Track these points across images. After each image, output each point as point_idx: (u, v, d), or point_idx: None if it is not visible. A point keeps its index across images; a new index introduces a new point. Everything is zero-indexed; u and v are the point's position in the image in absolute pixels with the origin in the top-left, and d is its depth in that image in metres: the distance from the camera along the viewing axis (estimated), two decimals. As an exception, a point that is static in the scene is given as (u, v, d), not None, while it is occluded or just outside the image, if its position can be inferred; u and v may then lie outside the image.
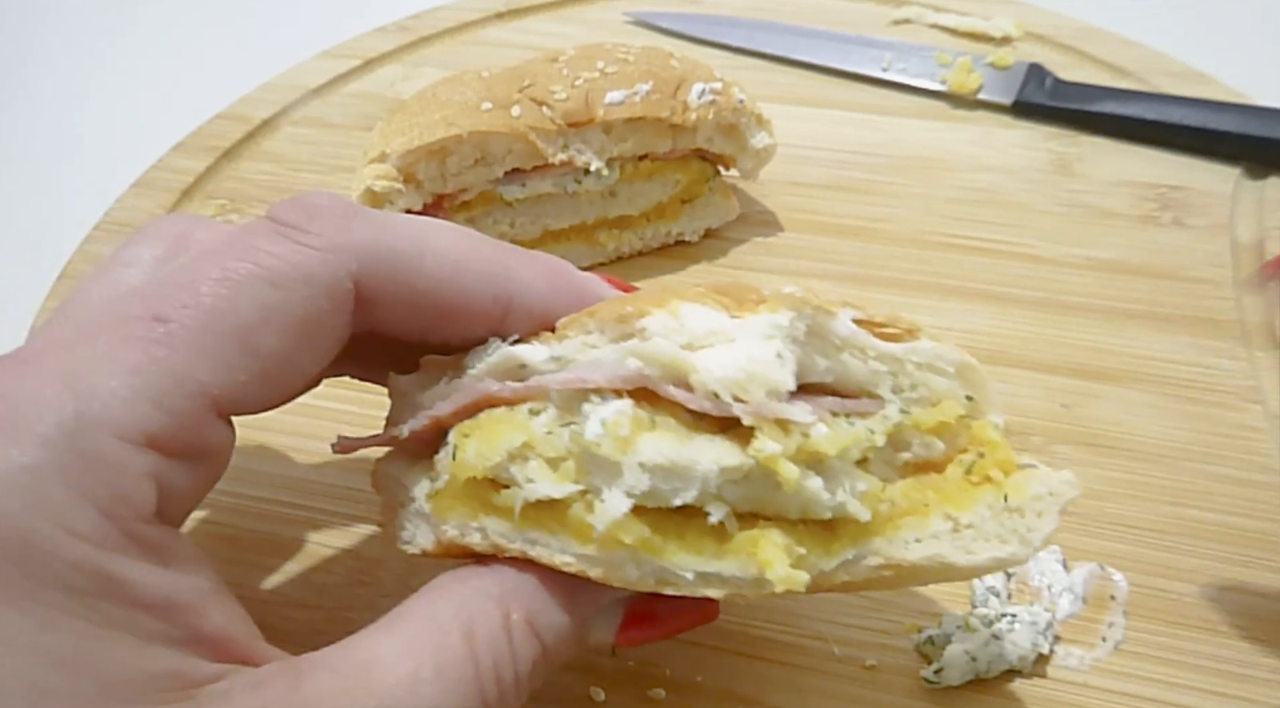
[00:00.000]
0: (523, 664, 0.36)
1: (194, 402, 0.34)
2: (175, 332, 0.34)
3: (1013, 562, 0.39)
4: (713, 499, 0.36)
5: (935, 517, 0.39)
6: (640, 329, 0.37)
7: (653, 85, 0.68)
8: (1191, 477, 0.57)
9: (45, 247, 0.76)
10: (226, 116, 0.87)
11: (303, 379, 0.38)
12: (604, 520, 0.35)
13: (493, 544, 0.38)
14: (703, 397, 0.36)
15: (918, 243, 0.73)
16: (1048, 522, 0.39)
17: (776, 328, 0.37)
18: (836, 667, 0.50)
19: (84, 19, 1.10)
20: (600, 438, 0.35)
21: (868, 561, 0.38)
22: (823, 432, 0.36)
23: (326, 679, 0.33)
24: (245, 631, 0.35)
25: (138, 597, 0.32)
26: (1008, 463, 0.40)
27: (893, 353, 0.40)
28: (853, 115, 0.86)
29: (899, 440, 0.40)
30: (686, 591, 0.37)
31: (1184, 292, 0.69)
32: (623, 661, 0.50)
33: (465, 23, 0.98)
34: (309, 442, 0.60)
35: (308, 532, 0.56)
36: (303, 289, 0.36)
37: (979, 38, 0.94)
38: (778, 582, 0.35)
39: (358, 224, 0.38)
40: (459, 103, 0.67)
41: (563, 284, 0.42)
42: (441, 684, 0.34)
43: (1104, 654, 0.50)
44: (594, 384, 0.37)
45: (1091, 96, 0.83)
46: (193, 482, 0.35)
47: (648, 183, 0.72)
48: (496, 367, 0.40)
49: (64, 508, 0.30)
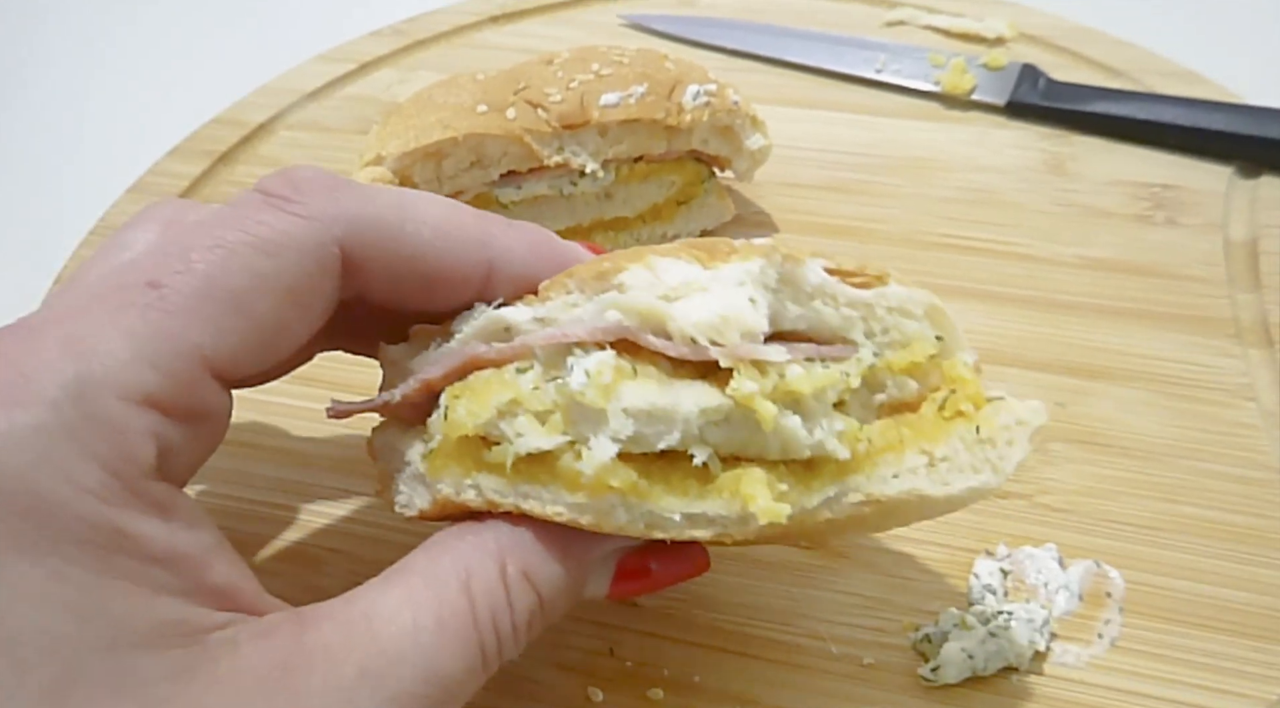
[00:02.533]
0: (520, 615, 0.38)
1: (190, 363, 0.35)
2: (170, 296, 0.35)
3: (986, 490, 0.40)
4: (696, 442, 0.38)
5: (911, 453, 0.41)
6: (618, 284, 0.39)
7: (647, 87, 0.68)
8: (1186, 474, 0.57)
9: (41, 251, 0.76)
10: (222, 121, 0.87)
11: (294, 345, 0.40)
12: (592, 466, 0.37)
13: (487, 500, 0.39)
14: (681, 343, 0.37)
15: (912, 243, 0.74)
16: (1017, 449, 0.40)
17: (748, 274, 0.38)
18: (834, 665, 0.50)
19: (79, 24, 1.10)
20: (584, 387, 0.37)
21: (848, 497, 0.40)
22: (798, 372, 0.38)
23: (330, 629, 0.35)
24: (249, 584, 0.37)
25: (144, 549, 0.33)
26: (978, 397, 0.41)
27: (863, 299, 0.41)
28: (847, 116, 0.86)
29: (874, 382, 0.42)
30: (675, 533, 0.38)
31: (1178, 290, 0.69)
32: (621, 661, 0.50)
33: (460, 26, 0.98)
34: (302, 444, 0.60)
35: (304, 534, 0.56)
36: (292, 255, 0.37)
37: (972, 39, 0.95)
38: (761, 514, 0.36)
39: (343, 194, 0.40)
40: (454, 105, 0.67)
41: (544, 249, 0.43)
42: (441, 634, 0.36)
43: (1101, 651, 0.50)
44: (576, 338, 0.38)
45: (1085, 96, 0.83)
46: (192, 443, 0.36)
47: (643, 184, 0.72)
48: (483, 329, 0.41)
49: (71, 465, 0.32)
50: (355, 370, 0.51)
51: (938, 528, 0.55)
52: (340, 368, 0.51)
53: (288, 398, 0.46)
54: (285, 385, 0.49)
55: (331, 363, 0.50)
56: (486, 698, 0.49)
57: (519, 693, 0.49)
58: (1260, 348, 0.65)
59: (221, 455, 0.58)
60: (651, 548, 0.42)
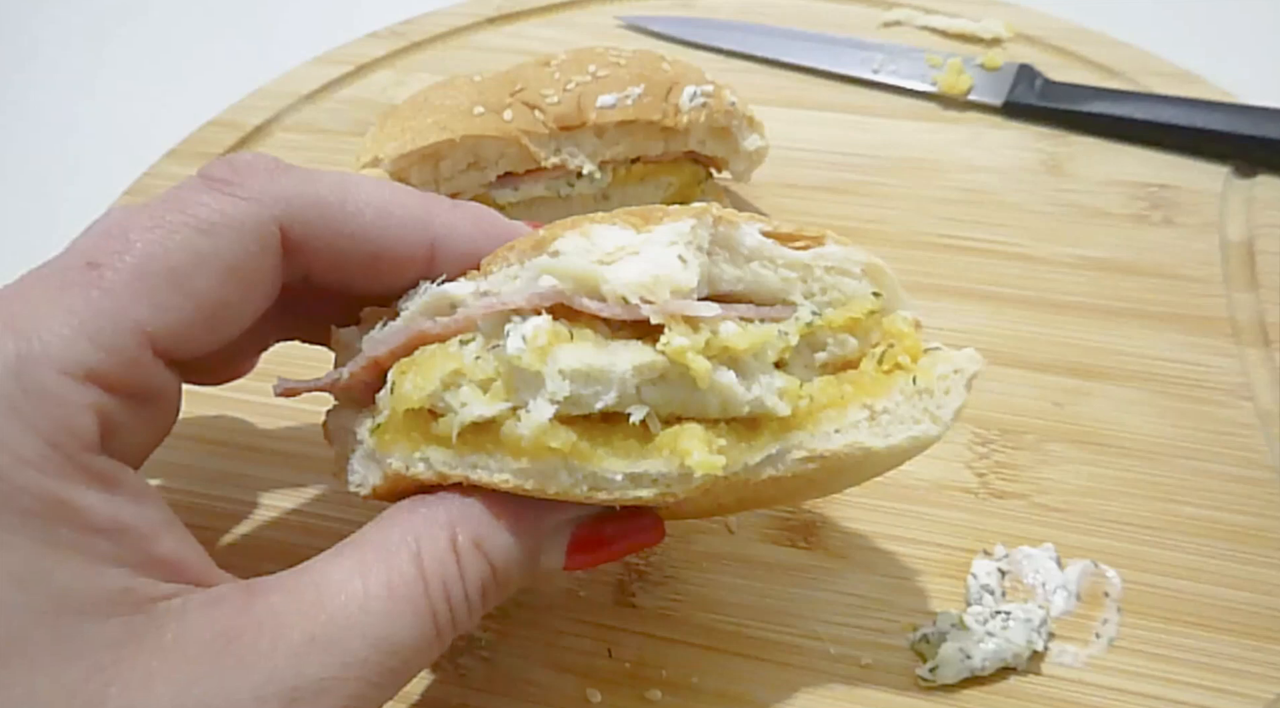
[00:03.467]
0: (472, 584, 0.38)
1: (131, 339, 0.36)
2: (108, 275, 0.36)
3: (927, 440, 0.41)
4: (633, 401, 0.38)
5: (853, 407, 0.41)
6: (553, 251, 0.39)
7: (644, 88, 0.68)
8: (1183, 473, 0.58)
9: (38, 254, 0.76)
10: (219, 123, 0.87)
11: (238, 325, 0.40)
12: (530, 427, 0.37)
13: (437, 473, 0.40)
14: (614, 304, 0.38)
15: (910, 243, 0.74)
16: (955, 397, 0.41)
17: (678, 234, 0.39)
18: (832, 666, 0.50)
19: (78, 26, 1.10)
20: (521, 351, 0.37)
21: (791, 455, 0.40)
22: (732, 329, 0.38)
23: (279, 598, 0.35)
24: (198, 558, 0.37)
25: (87, 520, 0.33)
26: (915, 349, 0.42)
27: (801, 260, 0.42)
28: (844, 117, 0.86)
29: (814, 341, 0.42)
30: (619, 494, 0.39)
31: (1174, 290, 0.69)
32: (619, 662, 0.50)
33: (457, 28, 0.98)
34: (293, 444, 0.60)
35: (289, 534, 0.56)
36: (230, 235, 0.38)
37: (969, 39, 0.95)
38: (697, 467, 0.37)
39: (283, 176, 0.41)
40: (451, 107, 0.67)
41: (487, 226, 0.44)
42: (391, 601, 0.36)
43: (1098, 651, 0.50)
44: (514, 305, 0.39)
45: (1081, 97, 0.83)
46: (138, 422, 0.37)
47: (640, 186, 0.72)
48: (428, 305, 0.42)
49: (10, 436, 0.33)
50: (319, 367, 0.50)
51: (935, 529, 0.55)
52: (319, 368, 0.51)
53: (271, 398, 0.46)
54: (265, 384, 0.49)
55: (310, 363, 0.50)
56: (485, 699, 0.49)
57: (517, 694, 0.49)
58: (1257, 347, 0.65)
59: (203, 455, 0.58)
60: (605, 517, 0.42)
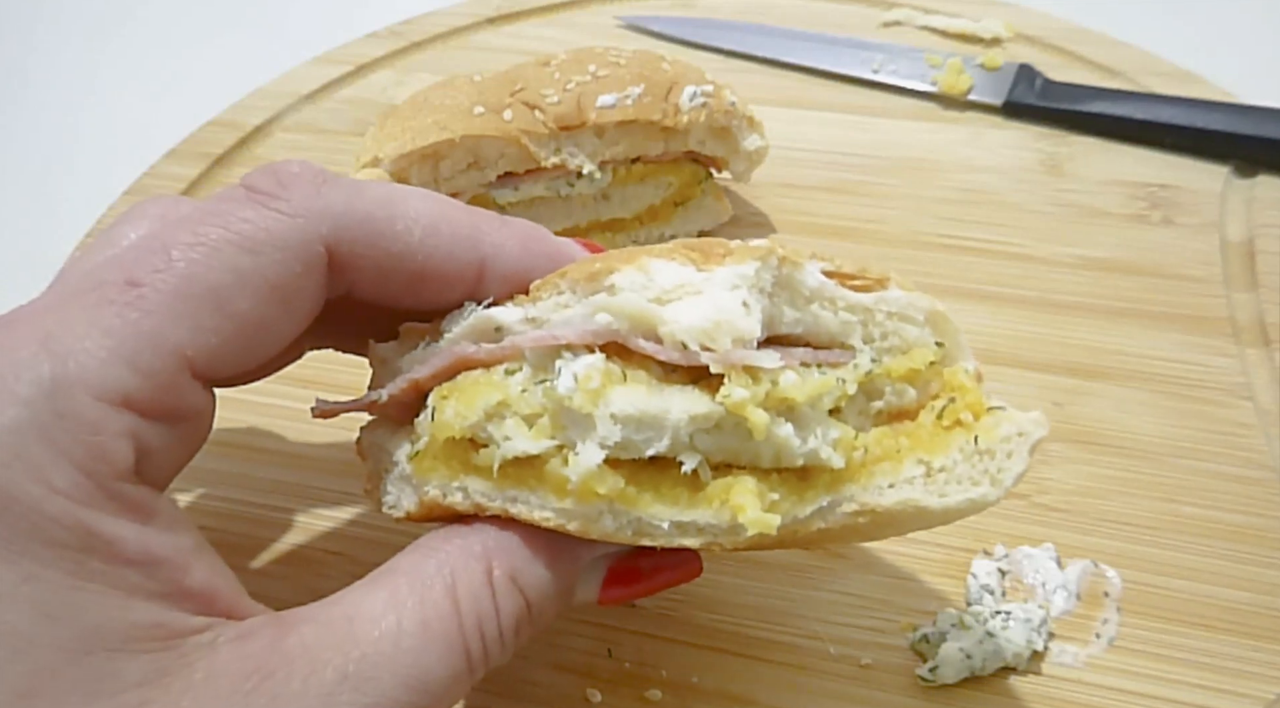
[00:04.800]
0: (506, 619, 0.37)
1: (169, 362, 0.34)
2: (148, 295, 0.34)
3: (984, 503, 0.39)
4: (685, 449, 0.37)
5: (908, 462, 0.39)
6: (610, 285, 0.38)
7: (644, 88, 0.68)
8: (1183, 473, 0.58)
9: (38, 254, 0.76)
10: (219, 123, 0.87)
11: (279, 344, 0.39)
12: (578, 472, 0.36)
13: (474, 503, 0.39)
14: (671, 348, 0.36)
15: (909, 243, 0.74)
16: (1018, 462, 0.39)
17: (742, 278, 0.37)
18: (832, 666, 0.50)
19: (77, 26, 1.10)
20: (572, 392, 0.36)
21: (843, 507, 0.39)
22: (791, 379, 0.37)
23: (311, 632, 0.34)
24: (230, 588, 0.36)
25: (118, 551, 0.32)
26: (978, 406, 0.40)
27: (863, 303, 0.40)
28: (844, 117, 0.86)
29: (872, 389, 0.41)
30: (663, 541, 0.37)
31: (1174, 289, 0.69)
32: (619, 662, 0.50)
33: (457, 28, 0.98)
34: (302, 448, 0.60)
35: (304, 537, 0.56)
36: (275, 253, 0.37)
37: (969, 39, 0.95)
38: (750, 525, 0.36)
39: (330, 190, 0.39)
40: (451, 107, 0.67)
41: (536, 246, 0.42)
42: (424, 637, 0.35)
43: (1098, 651, 0.50)
44: (565, 340, 0.38)
45: (1081, 97, 0.83)
46: (172, 444, 0.36)
47: (640, 186, 0.72)
48: (472, 329, 0.40)
49: (43, 465, 0.31)
50: (351, 372, 0.51)
51: (935, 529, 0.55)
52: (336, 369, 0.51)
53: (281, 399, 0.46)
54: (280, 387, 0.49)
55: (328, 364, 0.50)
56: (485, 699, 0.49)
57: (517, 694, 0.49)
58: (1257, 347, 0.65)
59: (219, 458, 0.59)
60: (642, 553, 0.41)
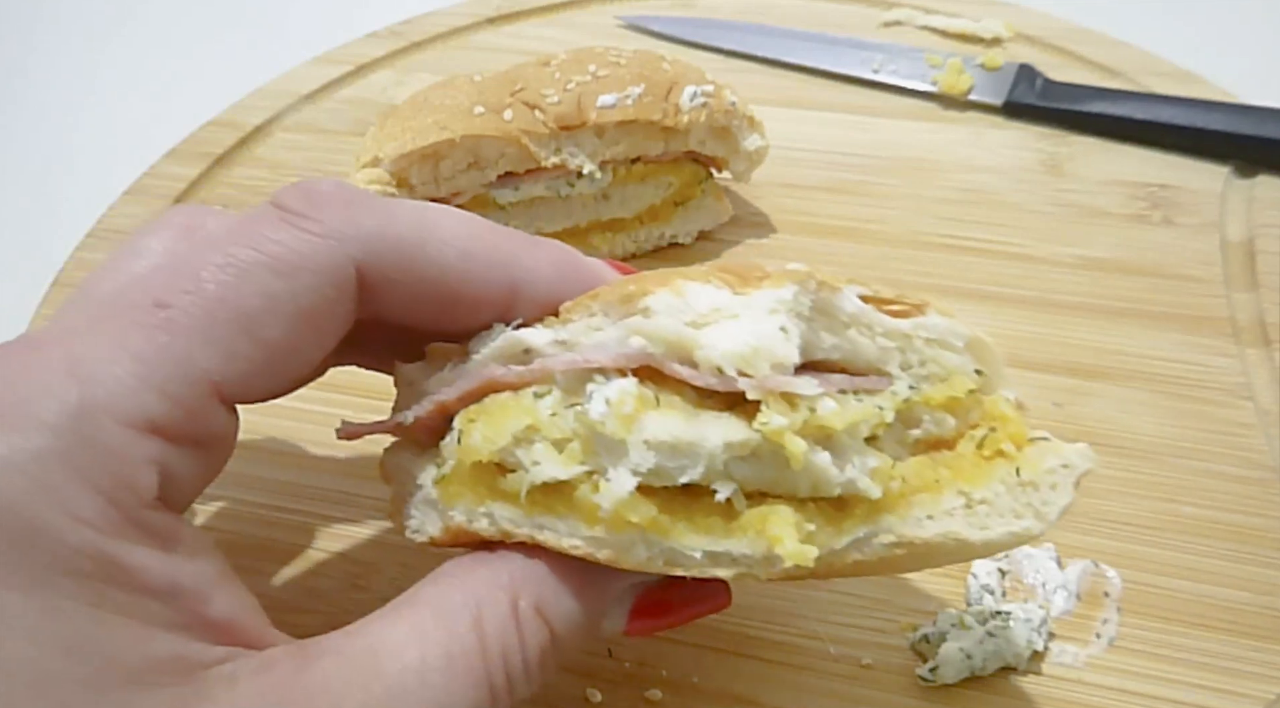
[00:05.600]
0: (532, 653, 0.36)
1: (197, 388, 0.34)
2: (178, 318, 0.34)
3: (1027, 536, 0.38)
4: (720, 477, 0.35)
5: (948, 493, 0.38)
6: (644, 308, 0.37)
7: (644, 88, 0.68)
8: (1184, 473, 0.58)
9: (39, 254, 0.76)
10: (219, 123, 0.87)
11: (306, 367, 0.38)
12: (610, 500, 0.35)
13: (500, 530, 0.38)
14: (707, 373, 0.35)
15: (910, 243, 0.74)
16: (1062, 495, 0.38)
17: (780, 302, 0.36)
18: (832, 666, 0.50)
19: (78, 25, 1.10)
20: (605, 417, 0.35)
21: (880, 539, 0.37)
22: (830, 406, 0.36)
23: (333, 664, 0.33)
24: (252, 616, 0.35)
25: (141, 582, 0.32)
26: (1020, 437, 0.39)
27: (901, 329, 0.39)
28: (844, 117, 0.86)
29: (909, 417, 0.39)
30: (696, 571, 0.36)
31: (1174, 290, 0.69)
32: (619, 662, 0.50)
33: (457, 28, 0.98)
34: (305, 446, 0.60)
35: (303, 537, 0.56)
36: (307, 277, 0.36)
37: (969, 39, 0.95)
38: (787, 557, 0.34)
39: (362, 211, 0.38)
40: (451, 107, 0.67)
41: (568, 269, 0.41)
42: (450, 673, 0.34)
43: (1098, 651, 0.50)
44: (598, 364, 0.36)
45: (1081, 97, 0.83)
46: (196, 468, 0.35)
47: (640, 186, 0.72)
48: (501, 351, 0.39)
49: (68, 494, 0.31)
50: (370, 375, 0.50)
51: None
52: (354, 373, 0.51)
53: (301, 402, 0.45)
54: (300, 390, 0.49)
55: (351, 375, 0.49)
56: (485, 700, 0.49)
57: (517, 694, 0.49)
58: (1257, 347, 0.65)
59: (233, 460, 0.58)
60: (671, 583, 0.40)
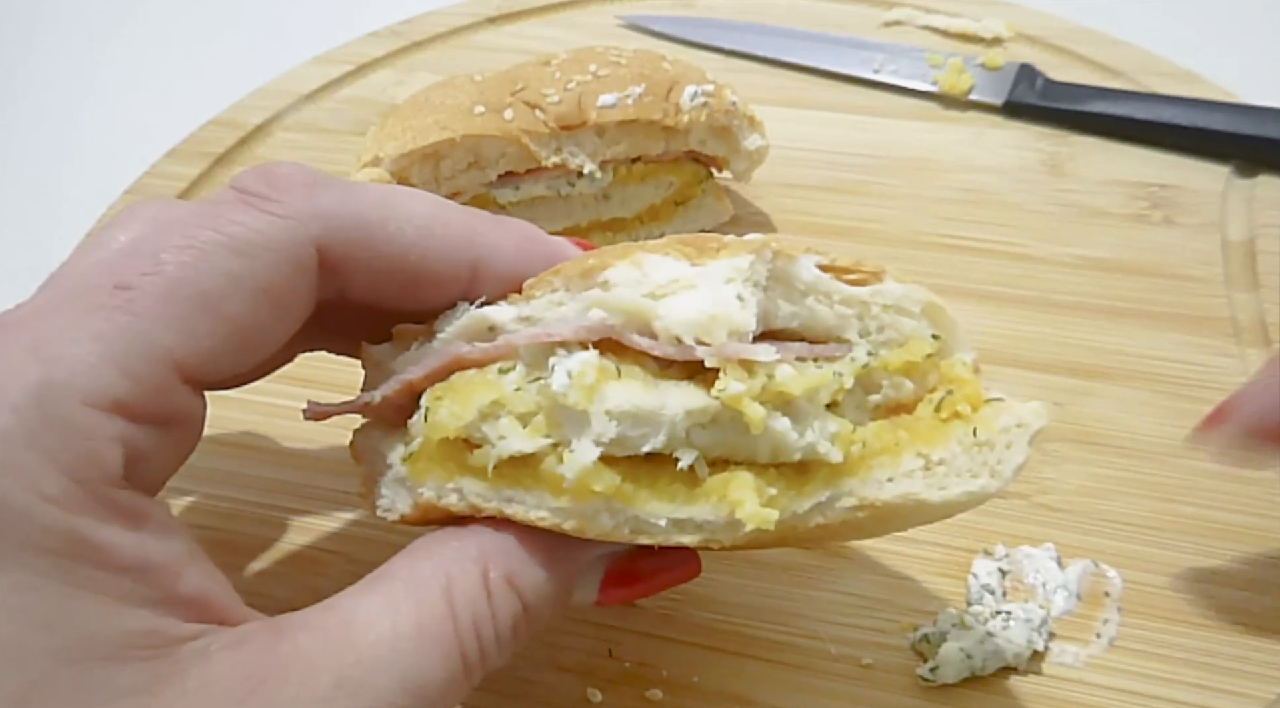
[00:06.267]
0: (503, 622, 0.37)
1: (159, 367, 0.34)
2: (138, 299, 0.34)
3: (984, 495, 0.39)
4: (682, 445, 0.37)
5: (907, 455, 0.39)
6: (603, 281, 0.38)
7: (645, 88, 0.68)
8: (1184, 473, 0.57)
9: (39, 253, 0.76)
10: (219, 122, 0.87)
11: (270, 347, 0.39)
12: (574, 470, 0.36)
13: (470, 504, 0.39)
14: (666, 342, 0.36)
15: (910, 243, 0.74)
16: (1017, 453, 0.39)
17: (736, 271, 0.37)
18: (833, 666, 0.50)
19: (78, 25, 1.10)
20: (566, 389, 0.36)
21: (842, 502, 0.38)
22: (788, 372, 0.37)
23: (306, 637, 0.34)
24: (224, 594, 0.36)
25: (110, 558, 0.32)
26: (976, 398, 0.40)
27: (858, 296, 0.40)
28: (845, 117, 0.86)
29: (869, 383, 0.40)
30: (661, 539, 0.37)
31: (1175, 289, 0.69)
32: (619, 662, 0.50)
33: (457, 27, 0.98)
34: (297, 446, 0.60)
35: (301, 536, 0.56)
36: (266, 255, 0.36)
37: (970, 39, 0.95)
38: (748, 520, 0.35)
39: (322, 191, 0.39)
40: (452, 106, 0.67)
41: (531, 247, 0.42)
42: (421, 641, 0.35)
43: (1099, 651, 0.50)
44: (560, 337, 0.37)
45: (1082, 96, 0.83)
46: (163, 449, 0.36)
47: (641, 185, 0.72)
48: (466, 329, 0.40)
49: (32, 472, 0.31)
50: (348, 370, 0.51)
51: (936, 528, 0.55)
52: (332, 367, 0.51)
53: (279, 398, 0.46)
54: (277, 386, 0.49)
55: (324, 362, 0.50)
56: (485, 699, 0.49)
57: (517, 694, 0.49)
58: (1258, 347, 0.65)
59: (214, 456, 0.58)
60: (641, 553, 0.41)
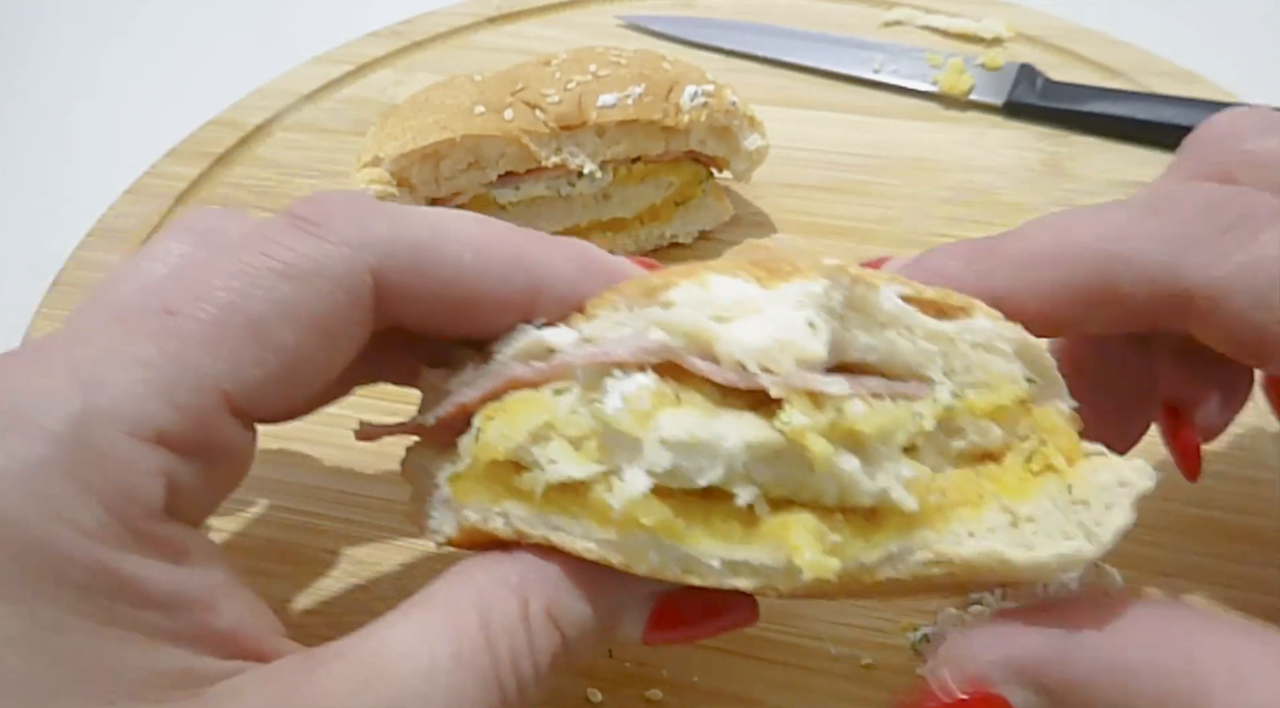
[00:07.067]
0: (541, 656, 0.35)
1: (206, 398, 0.33)
2: (186, 325, 0.33)
3: (1078, 559, 0.34)
4: (741, 480, 0.34)
5: (991, 509, 0.35)
6: (666, 301, 0.35)
7: (645, 88, 0.68)
8: (1185, 473, 0.57)
9: (39, 253, 0.76)
10: (219, 122, 0.87)
11: (322, 379, 0.37)
12: (621, 500, 0.33)
13: (515, 530, 0.37)
14: (729, 368, 0.34)
15: (911, 243, 0.74)
16: (1118, 515, 0.34)
17: (809, 296, 0.34)
18: (833, 666, 0.50)
19: (78, 24, 1.10)
20: (620, 412, 0.34)
21: (914, 556, 0.35)
22: (860, 408, 0.33)
23: (340, 669, 0.33)
24: (261, 626, 0.35)
25: (145, 594, 0.31)
26: (1073, 450, 0.36)
27: (944, 331, 0.37)
28: (845, 117, 0.86)
29: (951, 426, 0.36)
30: (713, 580, 0.35)
31: (1176, 289, 0.69)
32: (619, 662, 0.50)
33: (457, 27, 0.98)
34: (316, 447, 0.60)
35: (302, 535, 0.56)
36: (319, 283, 0.35)
37: (970, 39, 0.95)
38: (807, 568, 0.32)
39: (376, 218, 0.37)
40: (452, 106, 0.67)
41: (590, 267, 0.40)
42: (458, 675, 0.33)
43: (1100, 651, 0.50)
44: (616, 358, 0.35)
45: (1082, 96, 0.83)
46: (207, 482, 0.34)
47: (641, 185, 0.72)
48: (523, 351, 0.38)
49: (70, 505, 0.30)
50: None
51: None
52: None
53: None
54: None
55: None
56: (485, 700, 0.49)
57: (518, 694, 0.49)
58: (1258, 347, 0.65)
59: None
60: (693, 593, 0.37)
